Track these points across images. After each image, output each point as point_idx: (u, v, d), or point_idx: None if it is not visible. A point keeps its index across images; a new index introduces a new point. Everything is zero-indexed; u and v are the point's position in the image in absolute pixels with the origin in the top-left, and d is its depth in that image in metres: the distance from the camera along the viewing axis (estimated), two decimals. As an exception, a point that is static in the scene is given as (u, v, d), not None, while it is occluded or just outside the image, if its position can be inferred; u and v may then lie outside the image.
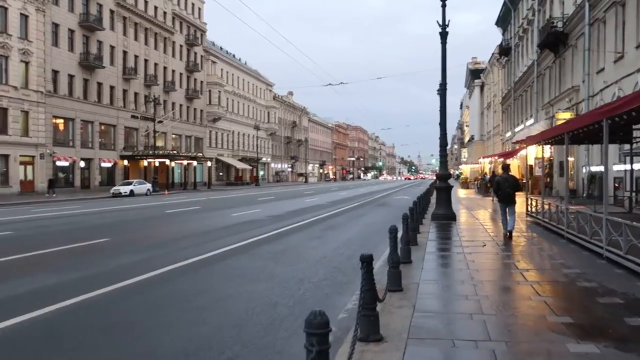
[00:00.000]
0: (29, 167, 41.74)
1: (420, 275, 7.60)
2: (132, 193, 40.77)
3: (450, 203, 16.38)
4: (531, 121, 37.99)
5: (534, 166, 35.39)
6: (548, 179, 32.96)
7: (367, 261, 4.58)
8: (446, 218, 15.77)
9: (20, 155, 40.21)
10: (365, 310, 4.49)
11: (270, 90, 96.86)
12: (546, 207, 13.35)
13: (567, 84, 28.33)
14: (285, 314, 6.17)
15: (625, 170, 19.00)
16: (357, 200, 31.37)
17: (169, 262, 9.42)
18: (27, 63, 41.09)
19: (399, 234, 10.48)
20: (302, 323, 2.59)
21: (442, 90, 16.36)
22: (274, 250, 11.08)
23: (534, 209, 15.18)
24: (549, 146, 32.10)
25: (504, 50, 50.07)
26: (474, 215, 18.68)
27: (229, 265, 9.35)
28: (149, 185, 44.63)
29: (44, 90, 42.45)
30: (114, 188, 41.38)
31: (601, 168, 22.99)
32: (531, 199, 15.74)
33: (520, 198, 19.88)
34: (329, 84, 46.51)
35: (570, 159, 29.10)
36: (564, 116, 26.02)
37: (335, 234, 14.08)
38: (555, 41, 29.76)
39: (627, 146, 19.11)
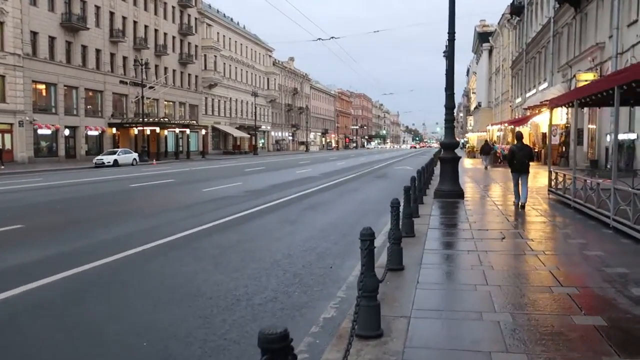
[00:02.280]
0: (7, 136, 39.07)
1: (414, 297, 4.97)
2: (116, 163, 38.19)
3: (457, 177, 13.66)
4: (545, 85, 34.94)
5: (548, 134, 32.51)
6: (563, 148, 30.13)
7: (270, 346, 1.92)
8: (452, 195, 13.10)
9: (-3, 123, 37.54)
10: None
11: (270, 56, 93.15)
12: (579, 183, 10.62)
13: (590, 41, 25.22)
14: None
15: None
16: (354, 171, 28.67)
17: (61, 267, 6.77)
18: (1, 23, 37.98)
19: (385, 228, 7.89)
20: None
21: (450, 41, 13.45)
22: (224, 244, 8.45)
23: (559, 185, 12.45)
24: (565, 112, 29.34)
25: (516, 9, 46.51)
26: (484, 190, 15.98)
27: (144, 273, 6.74)
28: (135, 155, 41.99)
29: (22, 53, 39.40)
30: (97, 158, 38.79)
31: (631, 136, 20.17)
32: (555, 173, 12.99)
33: (536, 169, 16.95)
34: (319, 39, 43.01)
35: (591, 126, 26.22)
36: (586, 77, 23.07)
37: (315, 217, 11.44)
38: (576, -7, 26.55)
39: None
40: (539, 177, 22.31)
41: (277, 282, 6.11)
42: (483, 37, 72.62)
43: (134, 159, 41.39)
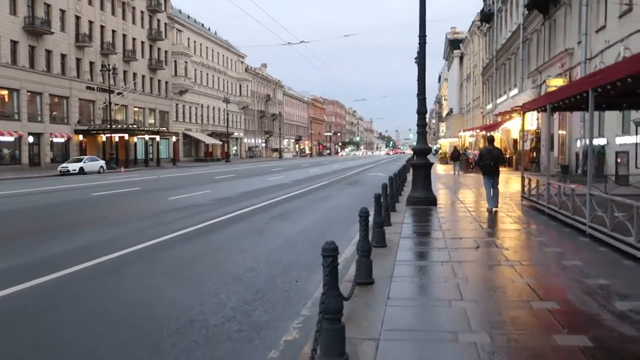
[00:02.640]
0: (-34, 143, 37.66)
1: (384, 316, 4.56)
2: (82, 171, 37.12)
3: (429, 184, 13.38)
4: (515, 91, 35.23)
5: (519, 139, 32.68)
6: (534, 154, 30.30)
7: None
8: (425, 203, 12.80)
9: (-46, 130, 36.15)
10: None
11: (242, 62, 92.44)
12: (553, 189, 10.40)
13: (559, 47, 25.41)
14: None
15: (637, 144, 16.27)
16: (326, 178, 28.29)
17: (1, 284, 6.21)
18: (-41, 26, 36.69)
19: (356, 237, 7.54)
20: None
21: (421, 44, 13.16)
22: (185, 256, 7.94)
23: (532, 191, 12.26)
24: (536, 117, 29.52)
25: (486, 17, 46.98)
26: (457, 197, 15.75)
27: (93, 290, 6.20)
28: (102, 162, 40.90)
29: (-18, 57, 38.11)
30: (62, 165, 37.66)
31: (600, 141, 20.27)
32: (529, 178, 12.79)
33: (507, 174, 16.92)
34: (289, 43, 42.59)
35: (561, 131, 26.38)
36: (555, 83, 23.18)
37: (284, 226, 10.98)
38: (545, 0, 26.77)
39: (635, 113, 16.39)
40: (511, 182, 22.28)
41: (237, 299, 5.64)
42: (454, 44, 73.35)
43: (101, 166, 40.31)
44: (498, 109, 36.80)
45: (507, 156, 35.23)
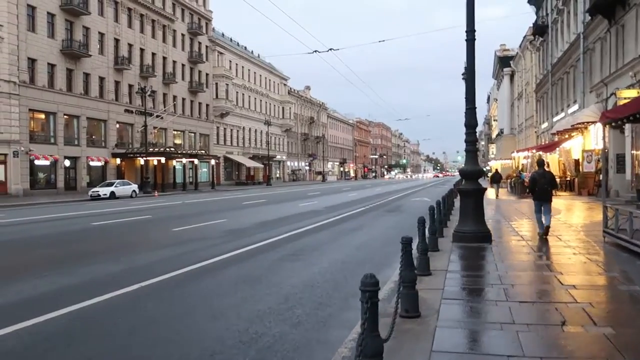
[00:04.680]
0: (1, 167, 37.02)
1: None
2: (113, 195, 35.82)
3: (482, 215, 10.58)
4: (575, 107, 31.79)
5: (581, 160, 29.23)
6: (600, 176, 26.81)
7: None
8: (476, 239, 10.05)
9: (-11, 153, 35.62)
10: None
11: (285, 85, 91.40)
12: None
13: (630, 54, 22.14)
14: None
15: None
16: (364, 203, 25.64)
17: None
18: (-4, 50, 36.37)
19: (384, 288, 4.95)
20: None
21: (469, 40, 10.52)
22: (124, 327, 5.50)
23: (621, 225, 9.32)
24: (602, 135, 26.18)
25: (539, 30, 43.66)
26: (516, 229, 12.86)
27: None
28: (134, 187, 39.59)
29: (18, 81, 37.58)
30: (93, 190, 36.50)
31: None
32: (615, 209, 9.80)
33: (570, 200, 14.19)
34: (315, 51, 39.87)
35: (634, 151, 22.94)
36: (628, 94, 19.97)
37: (291, 271, 8.45)
38: (611, 3, 23.63)
39: None
40: (575, 210, 19.22)
41: None
42: (504, 61, 69.78)
43: (134, 190, 38.99)
44: (555, 127, 33.45)
45: (568, 179, 31.78)
